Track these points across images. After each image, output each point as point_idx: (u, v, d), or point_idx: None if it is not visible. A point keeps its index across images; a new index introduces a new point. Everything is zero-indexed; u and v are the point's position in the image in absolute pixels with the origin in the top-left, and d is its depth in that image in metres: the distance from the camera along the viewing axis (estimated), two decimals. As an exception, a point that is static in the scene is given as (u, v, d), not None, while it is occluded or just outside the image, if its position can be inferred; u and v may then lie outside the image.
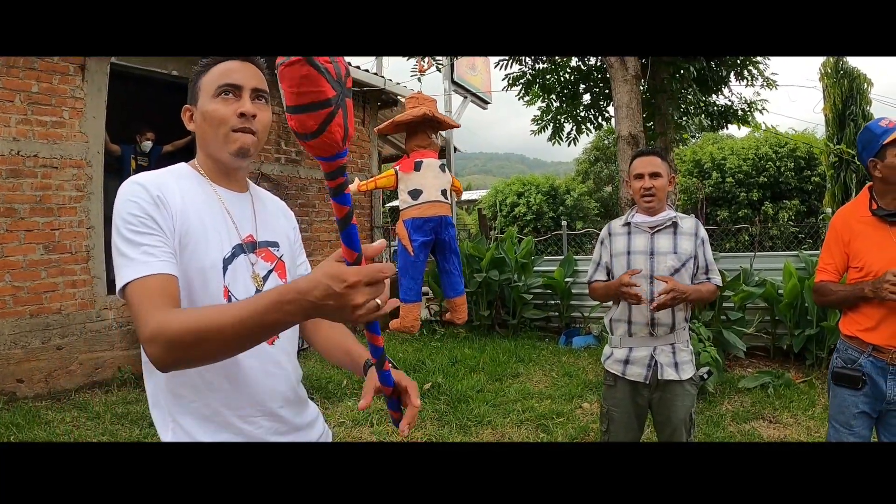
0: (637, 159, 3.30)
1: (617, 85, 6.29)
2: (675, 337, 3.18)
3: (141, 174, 1.57)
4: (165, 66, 7.43)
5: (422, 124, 5.65)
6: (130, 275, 1.41)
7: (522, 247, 10.19)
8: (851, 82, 9.01)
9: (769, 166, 19.61)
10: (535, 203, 24.61)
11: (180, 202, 1.55)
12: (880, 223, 2.86)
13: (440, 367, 7.41)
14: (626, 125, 6.18)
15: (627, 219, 3.34)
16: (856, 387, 2.84)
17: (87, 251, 6.60)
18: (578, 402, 6.08)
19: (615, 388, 3.25)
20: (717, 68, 8.76)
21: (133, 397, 6.08)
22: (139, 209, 1.47)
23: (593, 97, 9.41)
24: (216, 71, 1.66)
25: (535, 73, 9.15)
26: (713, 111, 9.49)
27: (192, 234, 1.54)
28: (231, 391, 1.58)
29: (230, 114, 1.63)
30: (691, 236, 3.21)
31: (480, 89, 14.93)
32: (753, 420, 5.53)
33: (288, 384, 1.73)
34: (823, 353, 7.05)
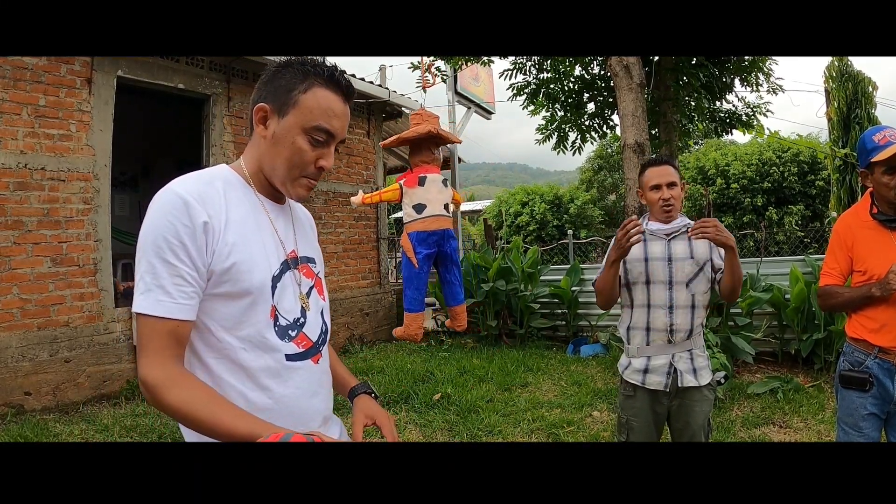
0: (650, 169, 3.27)
1: (622, 93, 6.30)
2: (693, 343, 3.17)
3: (185, 181, 1.48)
4: (172, 80, 7.46)
5: (426, 140, 5.71)
6: (144, 306, 1.39)
7: (529, 256, 10.17)
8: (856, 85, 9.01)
9: (773, 171, 19.59)
10: (539, 212, 24.60)
11: (225, 219, 1.48)
12: (881, 227, 2.88)
13: (449, 377, 7.40)
14: (632, 133, 6.18)
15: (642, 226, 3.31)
16: (863, 389, 2.85)
17: (95, 264, 6.62)
18: (588, 411, 6.06)
19: (634, 398, 3.21)
20: (721, 74, 8.77)
21: (141, 410, 6.06)
22: (174, 233, 1.40)
23: (598, 106, 9.44)
24: (321, 101, 1.55)
25: (539, 82, 9.17)
26: (718, 117, 9.50)
27: (239, 253, 1.49)
28: (276, 412, 1.54)
29: (311, 160, 1.56)
30: (705, 241, 3.20)
31: (484, 100, 14.97)
32: (764, 425, 5.51)
33: (327, 402, 1.73)
34: (832, 356, 7.03)
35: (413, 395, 6.59)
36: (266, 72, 1.61)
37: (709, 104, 9.12)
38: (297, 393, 1.60)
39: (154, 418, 5.73)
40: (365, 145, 10.80)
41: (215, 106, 8.07)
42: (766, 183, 19.62)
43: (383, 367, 8.00)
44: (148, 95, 7.97)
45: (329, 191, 9.88)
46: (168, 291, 1.39)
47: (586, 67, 9.13)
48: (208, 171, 1.58)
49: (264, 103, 1.56)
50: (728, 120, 9.54)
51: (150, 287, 1.39)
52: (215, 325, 1.48)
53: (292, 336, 1.59)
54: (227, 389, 1.49)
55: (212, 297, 1.47)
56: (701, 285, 3.15)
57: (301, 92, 1.53)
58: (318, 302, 1.72)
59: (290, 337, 1.58)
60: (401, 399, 6.49)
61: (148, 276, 1.40)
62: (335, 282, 9.92)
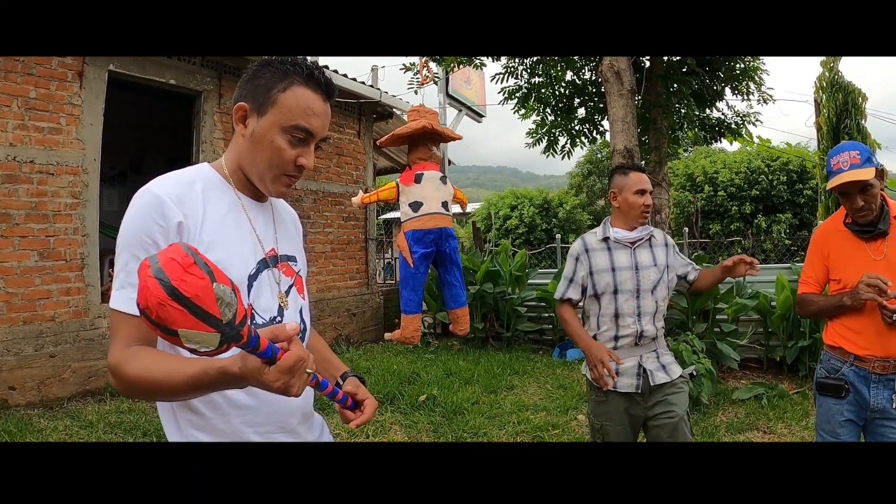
0: (635, 174, 3.27)
1: (612, 99, 6.32)
2: (657, 343, 3.23)
3: (164, 181, 1.49)
4: (163, 75, 7.44)
5: (423, 137, 5.66)
6: (118, 303, 1.41)
7: (516, 260, 10.19)
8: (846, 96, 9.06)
9: (761, 180, 19.71)
10: (528, 216, 24.67)
11: (202, 219, 1.49)
12: (855, 237, 2.93)
13: (435, 379, 7.40)
14: (622, 139, 6.21)
15: (605, 233, 3.29)
16: (839, 395, 2.91)
17: (82, 259, 6.59)
18: (574, 414, 6.07)
19: (607, 403, 3.21)
20: (712, 82, 8.81)
21: (126, 407, 6.03)
22: (148, 232, 1.41)
23: (588, 111, 9.46)
24: (300, 100, 1.55)
25: (530, 86, 9.19)
26: (707, 124, 9.54)
27: (215, 253, 1.47)
28: (254, 409, 1.55)
29: (291, 159, 1.56)
30: (663, 247, 3.30)
31: (475, 103, 14.98)
32: (748, 431, 5.54)
33: (306, 398, 1.72)
34: (816, 364, 7.02)
35: (399, 396, 6.58)
36: (247, 71, 1.61)
37: (699, 112, 9.15)
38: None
39: (139, 415, 5.71)
40: (355, 145, 10.80)
41: (206, 102, 8.05)
42: (754, 191, 19.74)
43: (369, 368, 7.99)
44: (139, 90, 7.95)
45: (318, 190, 9.88)
46: None
47: (578, 72, 9.15)
48: (188, 170, 1.59)
49: (244, 102, 1.57)
50: (717, 128, 9.58)
51: (123, 284, 1.41)
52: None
53: None
54: None
55: None
56: (663, 291, 3.24)
57: (280, 91, 1.54)
58: (298, 300, 1.72)
59: None
60: (386, 400, 6.49)
61: (122, 274, 1.42)
62: (323, 282, 9.91)
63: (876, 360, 2.79)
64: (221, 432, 1.53)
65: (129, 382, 1.35)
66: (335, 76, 9.53)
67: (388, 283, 13.72)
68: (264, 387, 1.21)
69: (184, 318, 1.01)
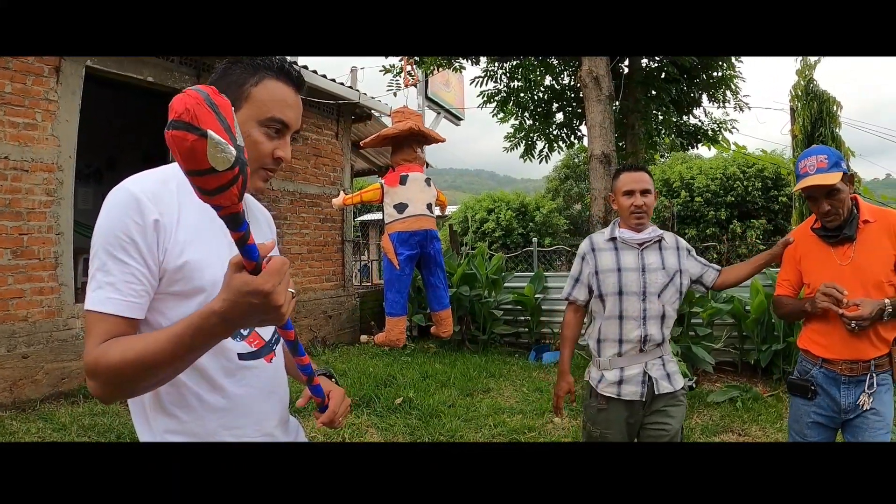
0: (625, 174, 3.23)
1: (590, 104, 6.36)
2: (662, 350, 3.17)
3: (139, 179, 1.47)
4: (141, 72, 7.37)
5: (408, 138, 5.64)
6: (94, 304, 1.38)
7: (493, 263, 10.21)
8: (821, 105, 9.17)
9: (737, 186, 19.87)
10: (505, 219, 24.70)
11: (177, 217, 1.47)
12: (822, 242, 2.97)
13: (411, 381, 7.39)
14: (599, 144, 6.24)
15: (612, 234, 3.24)
16: (806, 396, 2.96)
17: (56, 258, 6.48)
18: (549, 417, 6.09)
19: (608, 411, 3.15)
20: (690, 89, 8.89)
21: (100, 409, 5.95)
22: (125, 231, 1.39)
23: (566, 116, 9.51)
24: (273, 93, 1.56)
25: (509, 90, 9.22)
26: (684, 131, 9.62)
27: (192, 252, 1.47)
28: (229, 410, 1.54)
29: (268, 152, 1.56)
30: (674, 250, 3.23)
31: (454, 106, 15.02)
32: (723, 433, 5.59)
33: (283, 403, 1.72)
34: (790, 367, 7.14)
35: (375, 399, 6.57)
36: (216, 69, 1.61)
37: (676, 118, 9.23)
38: (252, 393, 1.59)
39: (112, 417, 5.65)
40: (333, 147, 10.76)
41: (184, 101, 7.96)
42: (729, 197, 19.89)
43: (345, 371, 7.97)
44: (116, 87, 7.85)
45: (295, 191, 9.83)
46: (118, 289, 1.38)
47: (557, 78, 9.20)
48: (163, 168, 1.57)
49: None
50: (694, 134, 9.67)
51: (100, 285, 1.39)
52: (168, 324, 1.45)
53: (244, 335, 1.59)
54: (182, 390, 1.48)
55: (165, 296, 1.46)
56: (671, 296, 3.16)
57: (252, 85, 1.54)
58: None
59: (242, 336, 1.58)
60: (362, 403, 6.47)
61: (99, 274, 1.39)
62: (299, 283, 9.86)
63: (843, 363, 2.85)
64: (197, 436, 1.51)
65: (113, 369, 1.30)
66: (314, 77, 9.50)
67: (365, 284, 13.68)
68: (255, 297, 1.16)
69: (214, 123, 1.04)
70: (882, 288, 2.80)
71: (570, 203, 28.78)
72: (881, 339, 2.82)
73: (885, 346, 2.83)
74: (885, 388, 2.85)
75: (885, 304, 2.70)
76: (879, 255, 2.84)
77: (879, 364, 2.83)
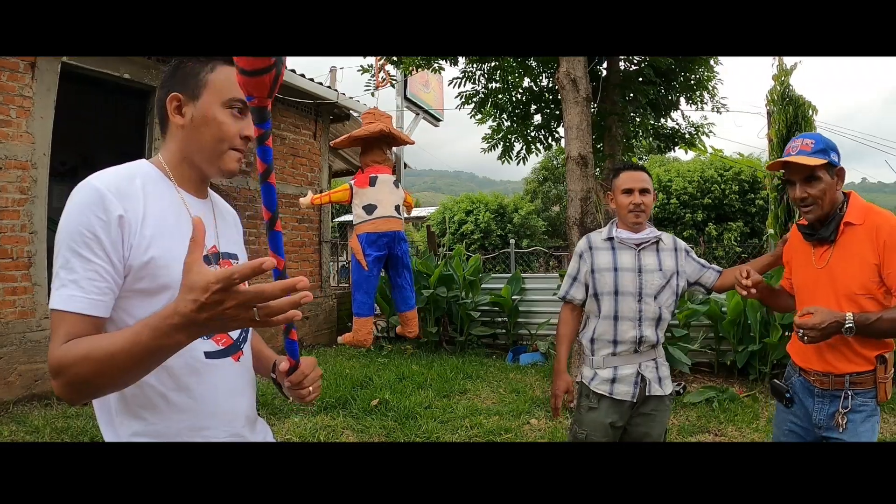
0: (624, 173, 3.22)
1: (568, 106, 6.35)
2: (656, 352, 3.17)
3: (103, 175, 1.45)
4: (118, 69, 7.27)
5: (378, 140, 5.66)
6: (58, 302, 1.36)
7: (470, 264, 10.22)
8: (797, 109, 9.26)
9: (714, 189, 20.07)
10: (483, 221, 24.74)
11: (143, 213, 1.45)
12: (803, 240, 2.80)
13: (387, 383, 7.36)
14: (576, 146, 6.23)
15: (610, 233, 3.23)
16: (782, 401, 2.83)
17: (29, 257, 6.37)
18: (526, 419, 6.08)
19: (598, 411, 3.13)
20: (668, 92, 8.93)
21: (73, 412, 5.87)
22: (88, 227, 1.37)
23: (544, 118, 9.50)
24: (229, 76, 1.57)
25: (487, 92, 9.21)
26: (662, 134, 9.66)
27: (157, 248, 1.45)
28: (196, 412, 1.52)
29: (236, 132, 1.58)
30: (672, 251, 3.21)
31: (433, 107, 15.01)
32: (699, 434, 5.62)
33: (250, 402, 1.70)
34: (766, 368, 7.27)
35: (351, 401, 6.53)
36: (167, 68, 1.64)
37: (654, 121, 9.27)
38: (219, 392, 1.57)
39: (86, 420, 5.57)
40: (311, 147, 10.70)
41: (160, 99, 7.90)
42: (706, 199, 20.08)
43: (322, 372, 7.91)
44: (92, 83, 7.75)
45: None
46: (82, 287, 1.36)
47: (535, 79, 9.20)
48: (127, 165, 1.55)
49: (176, 92, 1.58)
50: (672, 137, 9.72)
51: (64, 283, 1.36)
52: (134, 322, 1.42)
53: None
54: (147, 391, 1.46)
55: (131, 293, 1.44)
56: (668, 298, 3.15)
57: (208, 72, 1.58)
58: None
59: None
60: (338, 404, 6.43)
61: (63, 272, 1.37)
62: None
63: (815, 374, 2.66)
64: (163, 437, 1.49)
65: (75, 368, 1.27)
66: (292, 76, 9.46)
67: (343, 286, 13.62)
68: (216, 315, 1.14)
69: None
70: (855, 300, 2.52)
71: (549, 205, 28.90)
72: (857, 354, 2.53)
73: (864, 362, 2.53)
74: (864, 415, 2.54)
75: (844, 319, 2.36)
76: (856, 264, 2.54)
77: (856, 382, 2.54)
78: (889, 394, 2.55)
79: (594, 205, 6.18)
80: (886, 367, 2.53)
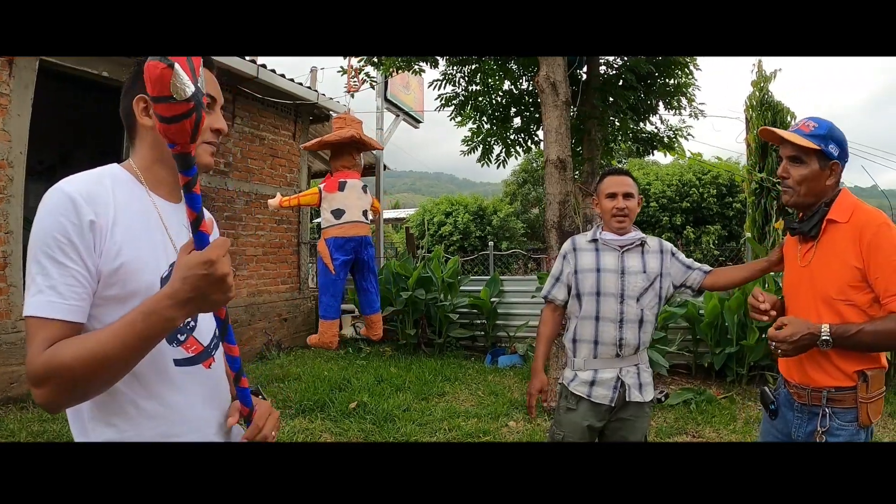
0: (609, 178, 3.23)
1: (547, 110, 6.35)
2: (639, 357, 3.17)
3: (73, 180, 1.44)
4: (97, 67, 7.19)
5: (348, 145, 5.71)
6: (36, 309, 1.34)
7: (449, 266, 10.22)
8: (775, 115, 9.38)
9: (692, 192, 20.22)
10: (463, 223, 24.76)
11: (113, 218, 1.44)
12: (790, 236, 2.65)
13: (366, 385, 7.34)
14: (555, 149, 6.24)
15: (594, 235, 3.25)
16: (766, 410, 2.67)
17: (5, 258, 6.27)
18: (504, 421, 6.09)
19: (576, 412, 3.13)
20: (647, 97, 8.97)
21: (48, 415, 5.81)
22: (62, 232, 1.36)
23: (524, 121, 9.51)
24: None
25: (468, 94, 9.21)
26: (641, 137, 9.71)
27: (127, 254, 1.44)
28: (167, 419, 1.50)
29: (206, 126, 1.58)
30: (658, 254, 3.21)
31: (413, 108, 14.98)
32: (677, 435, 5.66)
33: (222, 409, 1.69)
34: (743, 370, 7.36)
35: (329, 404, 6.50)
36: (128, 76, 1.64)
37: (633, 125, 9.31)
38: (190, 400, 1.56)
39: (62, 423, 5.49)
40: (290, 147, 10.65)
41: (138, 97, 7.81)
42: (685, 203, 20.22)
43: (300, 375, 7.89)
44: (70, 81, 7.65)
45: (251, 192, 9.70)
46: (60, 292, 1.35)
47: (515, 82, 9.20)
48: (98, 169, 1.54)
49: (140, 95, 1.57)
50: (650, 141, 9.76)
51: (41, 289, 1.35)
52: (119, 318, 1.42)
53: (181, 340, 1.56)
54: (119, 398, 1.44)
55: (103, 300, 1.43)
56: (650, 300, 3.15)
57: None
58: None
59: (179, 341, 1.56)
60: (316, 407, 6.40)
61: (39, 278, 1.36)
62: (253, 285, 9.74)
63: (794, 385, 2.49)
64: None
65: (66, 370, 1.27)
66: (271, 76, 9.42)
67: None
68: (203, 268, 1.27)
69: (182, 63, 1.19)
70: (833, 306, 2.33)
71: (528, 207, 28.98)
72: (836, 368, 2.32)
73: (844, 378, 2.31)
74: (841, 440, 2.32)
75: (819, 331, 2.23)
76: (835, 266, 2.35)
77: (835, 399, 2.33)
78: (874, 417, 2.29)
79: (572, 208, 6.20)
80: (869, 385, 2.27)
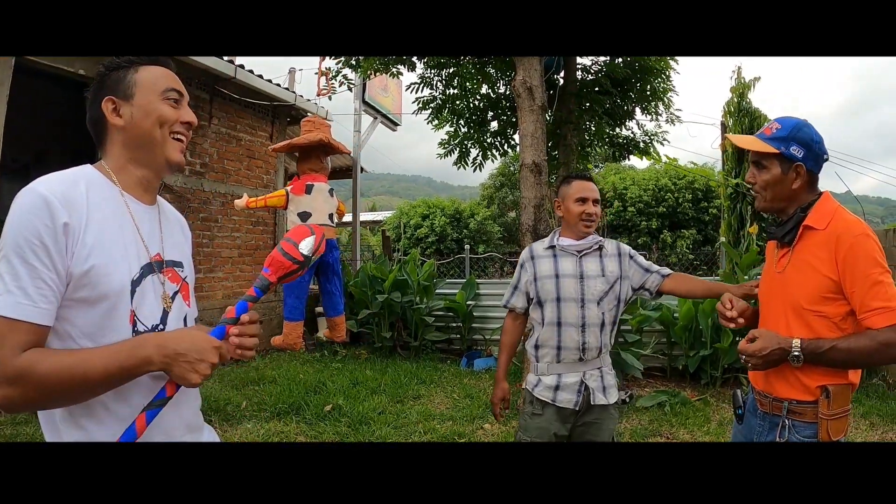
0: (577, 182, 3.22)
1: (523, 114, 6.36)
2: (602, 360, 3.16)
3: (48, 181, 1.44)
4: (72, 65, 7.12)
5: (316, 149, 5.73)
6: (3, 309, 1.34)
7: (425, 269, 10.23)
8: (752, 121, 9.47)
9: (668, 197, 20.35)
10: (439, 226, 24.78)
11: (86, 220, 1.44)
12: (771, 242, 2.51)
13: (341, 388, 7.32)
14: (531, 153, 6.25)
15: (552, 241, 3.24)
16: (734, 409, 2.59)
17: (-25, 259, 6.18)
18: (480, 424, 6.09)
19: (542, 417, 3.13)
20: (624, 102, 9.02)
21: (23, 418, 5.73)
22: (34, 233, 1.36)
23: (501, 124, 9.53)
24: (154, 72, 1.63)
25: (445, 97, 9.21)
26: (617, 142, 9.76)
27: (98, 256, 1.44)
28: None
29: (175, 119, 1.62)
30: (616, 257, 3.21)
31: (391, 111, 14.97)
32: (651, 437, 5.69)
33: (193, 411, 1.70)
34: (717, 372, 7.44)
35: (304, 406, 6.47)
36: (91, 85, 1.67)
37: (609, 129, 9.35)
38: None
39: (36, 427, 5.43)
40: (267, 149, 10.60)
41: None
42: (661, 207, 20.35)
43: (275, 377, 7.86)
44: (45, 78, 7.57)
45: (227, 193, 9.63)
46: (28, 294, 1.35)
47: (493, 86, 9.21)
48: (72, 170, 1.55)
49: (109, 97, 1.60)
50: (627, 145, 9.81)
51: (9, 289, 1.35)
52: (77, 332, 1.44)
53: None
54: (91, 401, 1.45)
55: (72, 302, 1.43)
56: (610, 303, 3.15)
57: (134, 73, 1.62)
58: (183, 308, 1.69)
59: None
60: (291, 410, 6.37)
61: (8, 277, 1.36)
62: (229, 287, 9.68)
63: (757, 392, 2.42)
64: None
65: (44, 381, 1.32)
66: (249, 76, 9.39)
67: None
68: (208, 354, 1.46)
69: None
70: (803, 316, 2.23)
71: (505, 211, 29.01)
72: (798, 380, 2.23)
73: (805, 392, 2.22)
74: None
75: (790, 346, 2.14)
76: (808, 275, 2.23)
77: (795, 411, 2.25)
78: (834, 435, 2.17)
79: (548, 212, 6.21)
80: (830, 402, 2.16)
